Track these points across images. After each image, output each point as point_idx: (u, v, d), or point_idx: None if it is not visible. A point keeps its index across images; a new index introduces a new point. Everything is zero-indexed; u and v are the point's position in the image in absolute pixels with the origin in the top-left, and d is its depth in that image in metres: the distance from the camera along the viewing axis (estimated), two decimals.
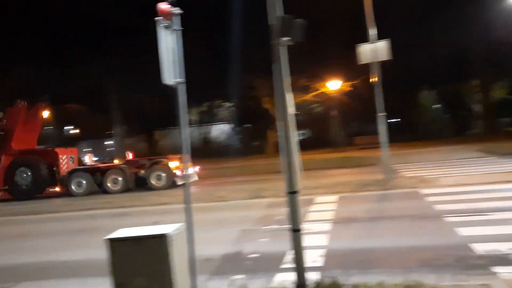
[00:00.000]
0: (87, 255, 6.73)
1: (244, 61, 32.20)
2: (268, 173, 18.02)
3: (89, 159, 17.37)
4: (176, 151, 14.78)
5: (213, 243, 6.72)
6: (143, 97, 28.08)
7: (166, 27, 4.18)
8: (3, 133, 16.50)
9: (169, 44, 4.24)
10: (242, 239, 6.99)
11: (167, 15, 4.16)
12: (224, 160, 30.58)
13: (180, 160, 14.33)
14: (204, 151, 38.27)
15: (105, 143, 41.05)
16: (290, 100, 11.44)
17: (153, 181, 15.40)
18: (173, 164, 15.51)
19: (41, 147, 19.92)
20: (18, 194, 15.90)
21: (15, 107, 16.74)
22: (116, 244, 3.40)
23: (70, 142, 32.00)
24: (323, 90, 34.67)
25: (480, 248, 5.21)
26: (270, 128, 37.94)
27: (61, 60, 28.17)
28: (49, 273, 6.04)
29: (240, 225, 8.08)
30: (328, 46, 30.51)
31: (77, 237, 8.38)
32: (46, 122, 29.57)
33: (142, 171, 15.64)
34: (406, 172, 13.94)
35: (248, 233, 7.33)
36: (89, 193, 15.50)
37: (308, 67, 31.49)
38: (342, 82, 33.92)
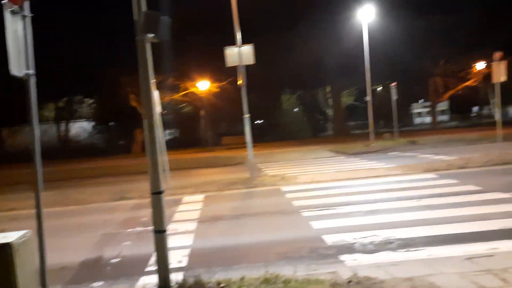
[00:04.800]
0: None
1: (111, 55, 30.67)
2: (134, 174, 17.40)
3: None
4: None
5: (70, 250, 6.26)
6: None
7: (14, 12, 3.74)
8: None
9: (18, 31, 3.81)
10: (103, 243, 6.62)
11: None
12: (86, 160, 28.67)
13: None
14: (62, 151, 35.36)
15: None
16: (156, 99, 11.23)
17: None
18: None
19: None
20: None
21: None
22: None
23: None
24: (192, 90, 34.74)
25: (330, 239, 5.76)
26: (138, 127, 36.71)
27: None
28: None
29: (101, 229, 7.64)
30: (198, 46, 30.72)
31: None
32: None
33: None
34: (269, 171, 14.72)
35: (110, 237, 6.97)
36: None
37: (177, 66, 31.28)
38: (211, 82, 34.40)
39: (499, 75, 13.34)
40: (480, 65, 35.63)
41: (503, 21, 32.94)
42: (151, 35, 3.91)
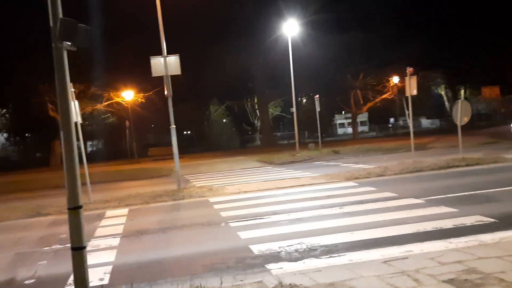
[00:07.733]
0: None
1: (27, 62, 28.84)
2: (52, 188, 16.42)
3: None
4: None
5: None
6: None
7: None
8: None
9: None
10: (17, 264, 6.15)
11: None
12: None
13: None
14: None
15: None
16: (75, 109, 10.71)
17: None
18: None
19: None
20: None
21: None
22: None
23: None
24: (116, 100, 33.58)
25: (257, 248, 5.82)
26: (57, 138, 34.68)
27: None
28: None
29: (14, 248, 7.10)
30: (123, 55, 29.87)
31: None
32: None
33: None
34: (197, 182, 14.58)
35: (24, 257, 6.49)
36: None
37: (100, 75, 30.15)
38: (136, 92, 33.54)
39: (411, 88, 14.35)
40: (395, 79, 38.21)
41: (414, 39, 35.81)
42: (68, 43, 3.72)
